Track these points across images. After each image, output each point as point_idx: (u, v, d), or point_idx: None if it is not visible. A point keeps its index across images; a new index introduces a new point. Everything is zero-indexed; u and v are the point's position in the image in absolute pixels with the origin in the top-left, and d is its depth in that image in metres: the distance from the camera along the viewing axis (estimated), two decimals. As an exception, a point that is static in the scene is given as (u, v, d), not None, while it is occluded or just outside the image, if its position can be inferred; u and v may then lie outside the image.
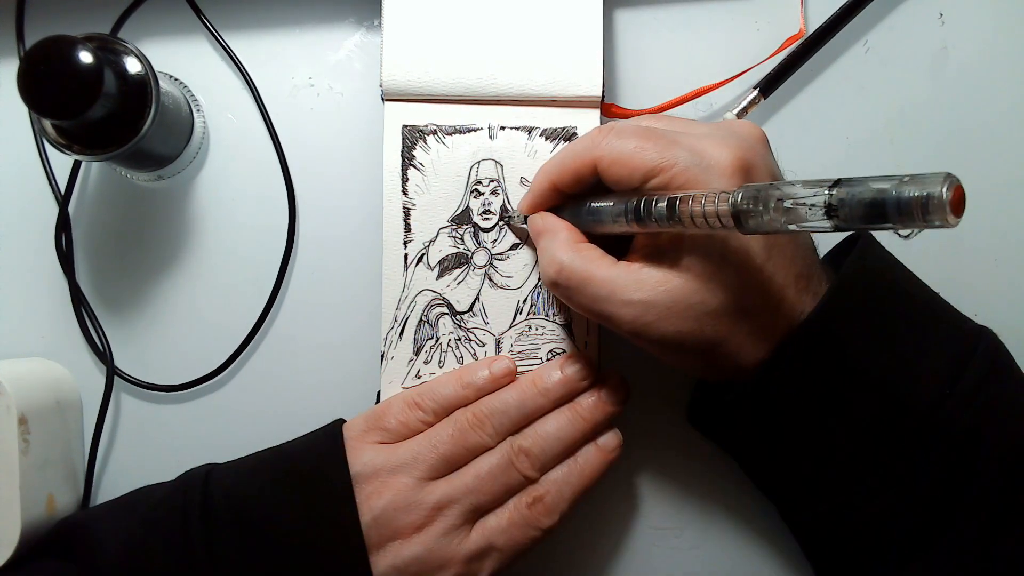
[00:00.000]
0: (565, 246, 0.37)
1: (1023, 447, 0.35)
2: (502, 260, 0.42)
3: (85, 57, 0.35)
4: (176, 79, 0.45)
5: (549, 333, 0.42)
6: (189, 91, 0.45)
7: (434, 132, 0.42)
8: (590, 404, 0.40)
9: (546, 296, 0.42)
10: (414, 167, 0.42)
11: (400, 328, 0.42)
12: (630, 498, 0.45)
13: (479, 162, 0.42)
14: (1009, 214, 0.45)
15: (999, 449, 0.35)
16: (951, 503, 0.35)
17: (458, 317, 0.42)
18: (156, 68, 0.39)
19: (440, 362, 0.42)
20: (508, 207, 0.42)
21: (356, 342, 0.45)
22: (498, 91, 0.42)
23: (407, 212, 0.42)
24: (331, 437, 0.40)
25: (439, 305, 0.42)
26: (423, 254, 0.42)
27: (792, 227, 0.27)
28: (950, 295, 0.39)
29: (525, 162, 0.42)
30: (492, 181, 0.42)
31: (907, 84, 0.45)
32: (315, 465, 0.39)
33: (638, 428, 0.45)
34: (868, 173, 0.45)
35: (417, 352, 0.42)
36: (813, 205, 0.26)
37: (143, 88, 0.38)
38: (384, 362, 0.42)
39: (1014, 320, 0.45)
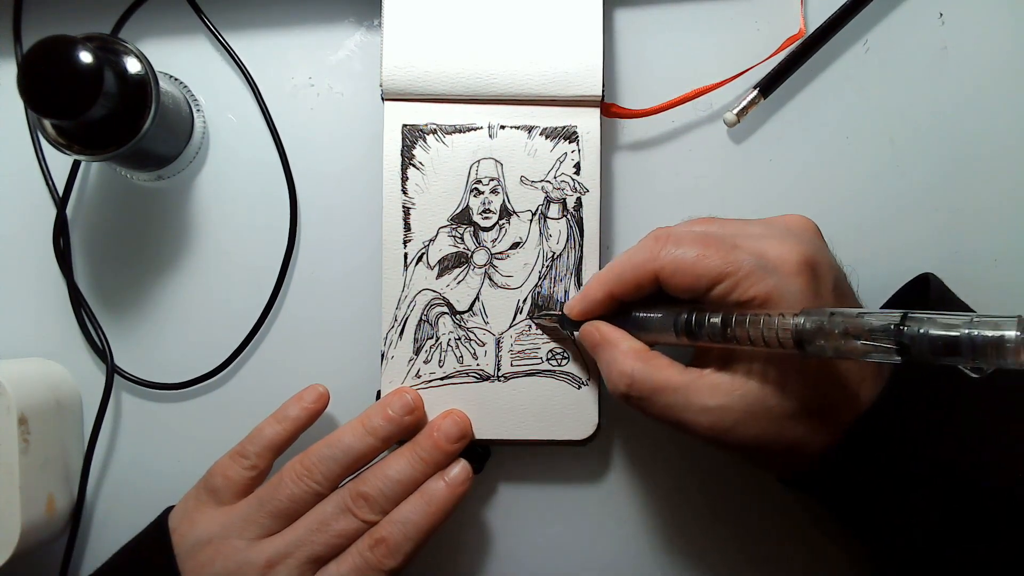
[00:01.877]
0: (631, 357, 0.36)
1: None
2: (502, 259, 0.42)
3: (85, 57, 0.35)
4: (176, 79, 0.45)
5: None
6: (189, 91, 0.45)
7: (434, 131, 0.42)
8: (428, 446, 0.40)
9: (550, 285, 0.42)
10: (414, 166, 0.42)
11: (400, 328, 0.42)
12: (628, 497, 0.45)
13: (479, 161, 0.42)
14: (1009, 214, 0.45)
15: None
16: None
17: (458, 316, 0.42)
18: (156, 68, 0.39)
19: (440, 361, 0.42)
20: (508, 206, 0.42)
21: (356, 341, 0.45)
22: (498, 90, 0.42)
23: (407, 211, 0.42)
24: (156, 528, 0.41)
25: (439, 304, 0.42)
26: (423, 253, 0.42)
27: (857, 355, 0.27)
28: (950, 295, 0.39)
29: (525, 161, 0.42)
30: (492, 180, 0.42)
31: (907, 84, 0.45)
32: (143, 559, 0.40)
33: (638, 431, 0.45)
34: (868, 173, 0.46)
35: (417, 352, 0.42)
36: (881, 338, 0.26)
37: (143, 88, 0.38)
38: (384, 362, 0.42)
39: (1014, 320, 0.45)
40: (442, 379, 0.42)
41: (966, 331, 0.25)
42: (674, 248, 0.35)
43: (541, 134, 0.42)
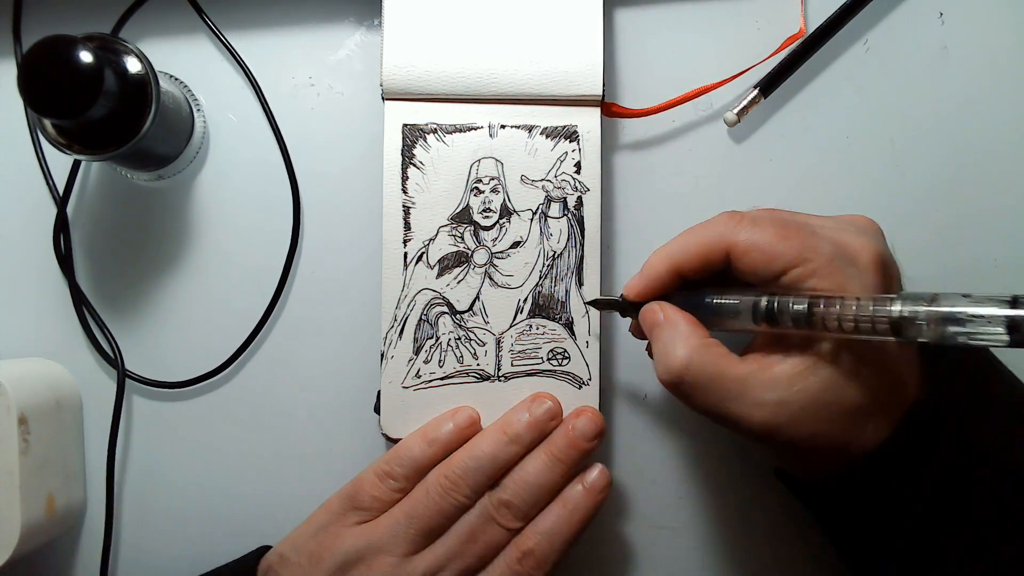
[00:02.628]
0: (690, 340, 0.35)
1: None
2: (502, 259, 0.42)
3: (85, 57, 0.35)
4: (176, 79, 0.45)
5: (550, 332, 0.42)
6: (189, 91, 0.45)
7: (434, 131, 0.42)
8: (564, 444, 0.39)
9: (551, 284, 0.42)
10: (414, 166, 0.42)
11: (400, 327, 0.42)
12: (629, 497, 0.45)
13: (479, 160, 0.42)
14: (1009, 214, 0.45)
15: None
16: None
17: (458, 316, 0.42)
18: (156, 68, 0.39)
19: (440, 361, 0.42)
20: (509, 205, 0.42)
21: (356, 341, 0.45)
22: (498, 90, 0.42)
23: (407, 211, 0.42)
24: (243, 564, 0.41)
25: (439, 304, 0.42)
26: (423, 253, 0.42)
27: (960, 340, 0.27)
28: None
29: (525, 160, 0.42)
30: (492, 179, 0.42)
31: (907, 84, 0.45)
32: None
33: (639, 431, 0.45)
34: (868, 173, 0.46)
35: (417, 351, 0.42)
36: (990, 320, 0.26)
37: (143, 88, 0.38)
38: (384, 361, 0.42)
39: (1015, 319, 0.45)
40: (442, 379, 0.42)
41: None
42: (751, 226, 0.34)
43: (542, 133, 0.42)
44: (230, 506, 0.45)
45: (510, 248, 0.42)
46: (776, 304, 0.33)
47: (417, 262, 0.42)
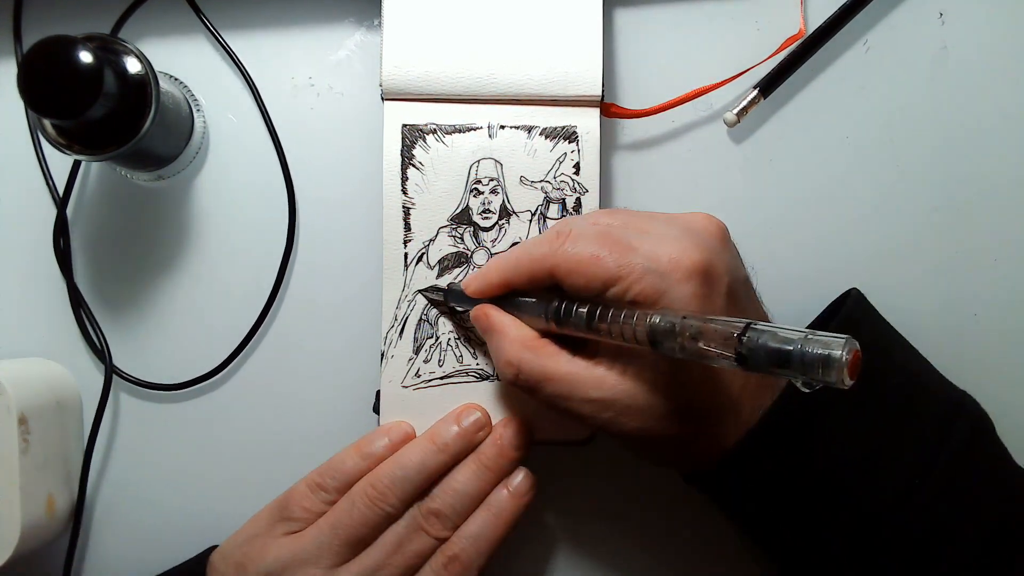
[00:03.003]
0: (518, 346, 0.37)
1: (982, 544, 0.35)
2: (502, 259, 0.42)
3: (85, 57, 0.35)
4: (176, 79, 0.45)
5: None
6: (189, 91, 0.45)
7: (434, 131, 0.42)
8: (494, 453, 0.40)
9: None
10: (414, 166, 0.42)
11: (400, 327, 0.42)
12: (631, 500, 0.45)
13: (479, 161, 0.42)
14: (1009, 214, 0.45)
15: (957, 548, 0.35)
16: None
17: (458, 316, 0.42)
18: (156, 68, 0.39)
19: (440, 361, 0.42)
20: (508, 206, 0.42)
21: (356, 341, 0.45)
22: (498, 90, 0.42)
23: (407, 211, 0.42)
24: (196, 564, 0.41)
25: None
26: (423, 253, 0.42)
27: (706, 361, 0.29)
28: (950, 296, 0.39)
29: (525, 161, 0.42)
30: (492, 180, 0.42)
31: (907, 84, 0.45)
32: None
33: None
34: (868, 175, 0.46)
35: (417, 351, 0.42)
36: (726, 351, 0.28)
37: (143, 88, 0.38)
38: (384, 361, 0.42)
39: (1014, 320, 0.45)
40: (442, 378, 0.42)
41: (799, 347, 0.26)
42: (571, 246, 0.35)
43: (541, 134, 0.42)
44: (229, 508, 0.45)
45: (509, 249, 0.42)
46: (563, 307, 0.35)
47: (417, 262, 0.42)
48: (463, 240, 0.42)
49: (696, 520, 0.45)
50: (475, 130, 0.42)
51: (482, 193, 0.42)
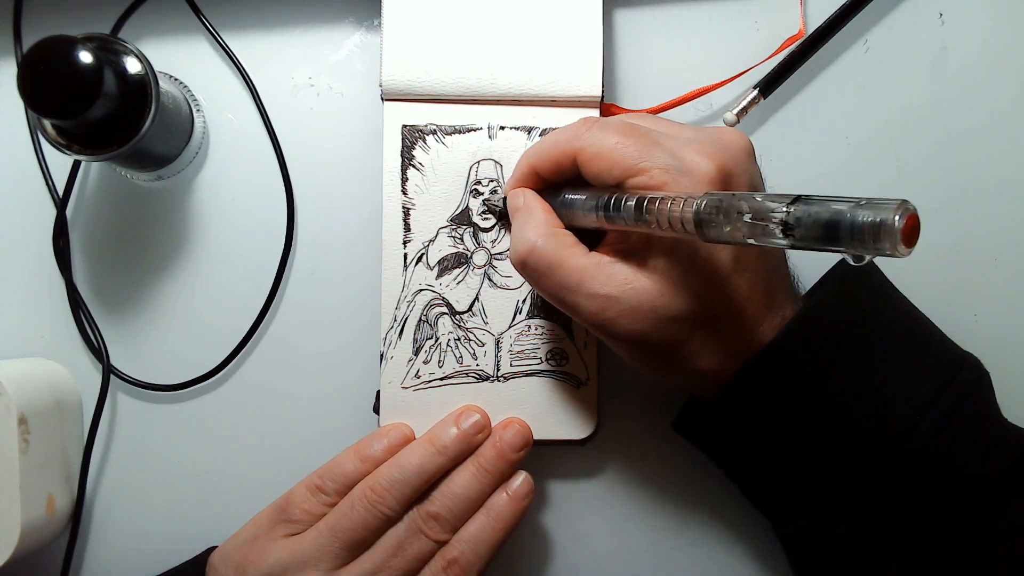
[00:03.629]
0: (540, 227, 0.36)
1: (963, 492, 0.35)
2: (501, 260, 0.42)
3: (85, 57, 0.35)
4: (176, 79, 0.45)
5: (548, 333, 0.42)
6: (189, 91, 0.45)
7: (434, 132, 0.42)
8: (493, 456, 0.40)
9: None
10: (414, 167, 0.42)
11: (400, 328, 0.42)
12: (627, 498, 0.45)
13: (479, 162, 0.42)
14: (1009, 214, 0.45)
15: (942, 490, 0.35)
16: (904, 533, 0.35)
17: (457, 317, 0.42)
18: (156, 68, 0.39)
19: (440, 362, 0.42)
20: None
21: (355, 342, 0.45)
22: (498, 91, 0.42)
23: (406, 212, 0.42)
24: (194, 566, 0.41)
25: (438, 305, 0.42)
26: (423, 254, 0.42)
27: (751, 241, 0.27)
28: (950, 296, 0.39)
29: (525, 162, 0.42)
30: (492, 181, 0.42)
31: (907, 84, 0.45)
32: None
33: (637, 430, 0.45)
34: (868, 175, 0.46)
35: (417, 352, 0.42)
36: (772, 222, 0.26)
37: (143, 88, 0.38)
38: (384, 362, 0.42)
39: (1014, 320, 0.45)
40: (441, 379, 0.42)
41: (848, 214, 0.24)
42: (598, 132, 0.35)
43: (541, 135, 0.42)
44: (229, 509, 0.45)
45: (509, 249, 0.42)
46: (613, 200, 0.34)
47: (417, 263, 0.42)
48: (463, 241, 0.42)
49: (695, 520, 0.45)
50: (475, 131, 0.42)
51: (482, 194, 0.42)
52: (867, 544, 0.36)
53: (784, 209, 0.26)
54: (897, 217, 0.23)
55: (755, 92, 0.44)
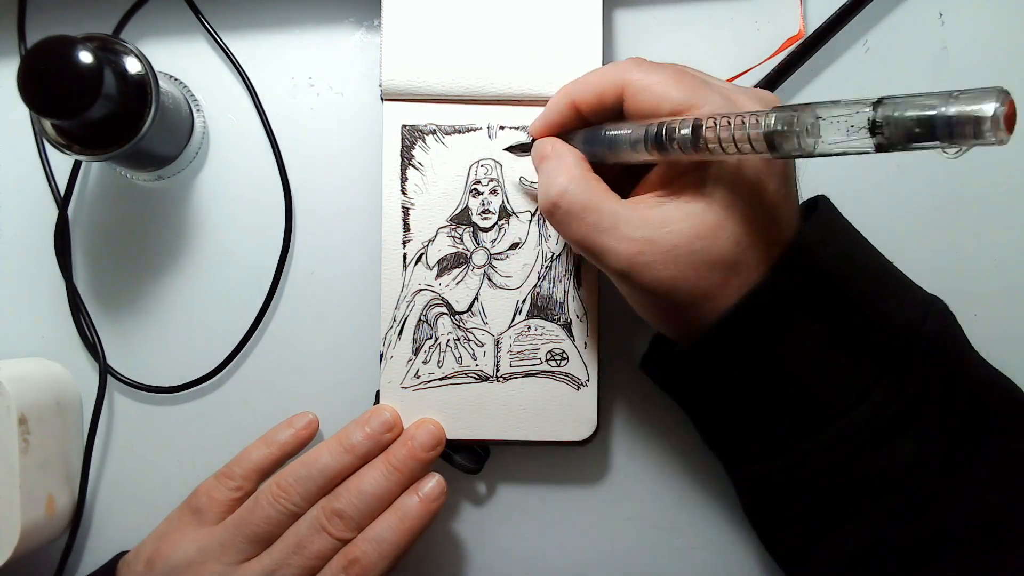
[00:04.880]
0: (572, 170, 0.35)
1: (944, 438, 0.35)
2: (501, 260, 0.42)
3: (85, 57, 0.35)
4: (176, 79, 0.45)
5: (548, 333, 0.42)
6: (189, 91, 0.45)
7: (433, 132, 0.42)
8: (402, 455, 0.40)
9: (549, 285, 0.42)
10: (413, 167, 0.42)
11: (399, 328, 0.42)
12: (628, 499, 0.45)
13: (478, 162, 0.42)
14: (1009, 214, 0.45)
15: (919, 442, 0.34)
16: (881, 475, 0.35)
17: (457, 317, 0.42)
18: (156, 68, 0.39)
19: (439, 362, 0.42)
20: (507, 207, 0.42)
21: (355, 342, 0.45)
22: (497, 91, 0.42)
23: (406, 212, 0.42)
24: (106, 571, 0.41)
25: (438, 305, 0.42)
26: (422, 254, 0.42)
27: (833, 148, 0.26)
28: (949, 296, 0.38)
29: (524, 162, 0.42)
30: (491, 181, 0.42)
31: (907, 84, 0.45)
32: None
33: (637, 431, 0.45)
34: (868, 174, 0.45)
35: (416, 352, 0.42)
36: (854, 124, 0.25)
37: (143, 88, 0.38)
38: (383, 362, 0.42)
39: (1014, 320, 0.45)
40: (441, 379, 0.42)
41: (943, 108, 0.23)
42: (649, 68, 0.35)
43: (540, 134, 0.42)
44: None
45: (509, 249, 0.42)
46: (664, 129, 0.32)
47: (416, 263, 0.42)
48: (462, 240, 0.42)
49: (696, 521, 0.45)
50: (475, 131, 0.42)
51: (481, 194, 0.42)
52: (825, 495, 0.35)
53: (869, 109, 0.25)
54: (998, 105, 0.23)
55: (755, 92, 0.44)
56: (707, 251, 0.33)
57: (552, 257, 0.42)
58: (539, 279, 0.42)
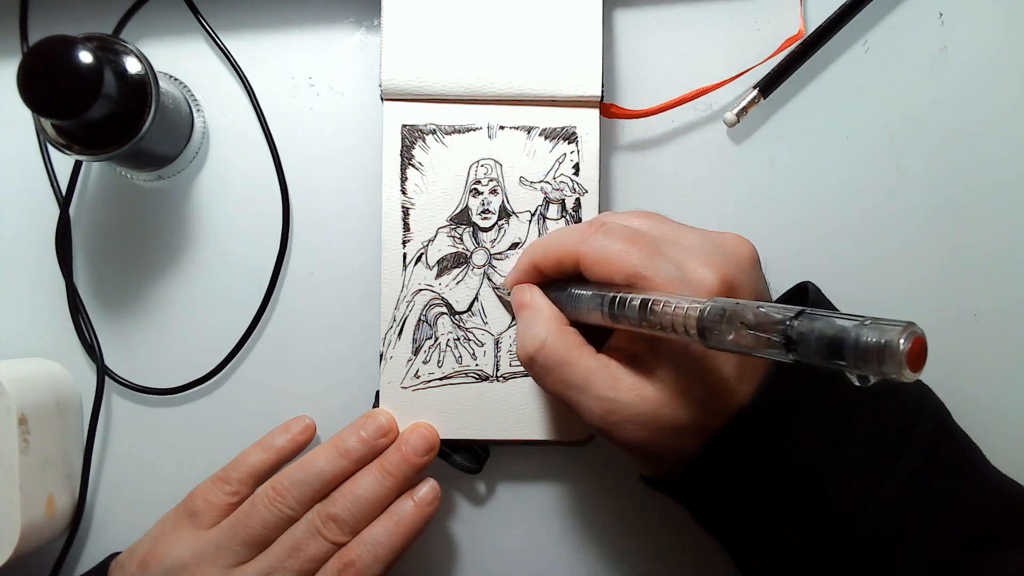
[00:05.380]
0: (549, 324, 0.36)
1: (946, 546, 0.34)
2: (501, 260, 0.42)
3: (85, 57, 0.35)
4: (176, 79, 0.45)
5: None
6: (189, 91, 0.45)
7: (433, 132, 0.42)
8: (396, 460, 0.40)
9: None
10: (413, 167, 0.42)
11: (399, 328, 0.42)
12: (631, 501, 0.45)
13: (478, 162, 0.42)
14: (1009, 214, 0.45)
15: (921, 551, 0.34)
16: None
17: (457, 317, 0.42)
18: (156, 68, 0.39)
19: (439, 362, 0.42)
20: (507, 207, 0.42)
21: (354, 342, 0.45)
22: (497, 91, 0.42)
23: (406, 212, 0.42)
24: (98, 572, 0.41)
25: (438, 305, 0.42)
26: (422, 254, 0.42)
27: (753, 352, 0.27)
28: (949, 295, 0.39)
29: (524, 162, 0.42)
30: (491, 180, 0.42)
31: (907, 84, 0.45)
32: None
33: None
34: (868, 175, 0.46)
35: (416, 352, 0.42)
36: (775, 334, 0.25)
37: (143, 88, 0.38)
38: (383, 362, 0.42)
39: (1014, 320, 0.45)
40: (441, 379, 0.42)
41: (853, 333, 0.23)
42: (602, 238, 0.35)
43: (540, 135, 0.42)
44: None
45: (509, 249, 0.42)
46: (617, 299, 0.33)
47: (416, 263, 0.42)
48: (462, 240, 0.42)
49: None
50: (475, 130, 0.42)
51: (481, 193, 0.42)
52: None
53: (788, 323, 0.25)
54: (902, 340, 0.22)
55: (755, 92, 0.44)
56: (675, 418, 0.33)
57: (552, 257, 0.42)
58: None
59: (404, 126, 0.42)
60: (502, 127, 0.42)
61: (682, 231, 0.36)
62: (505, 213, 0.42)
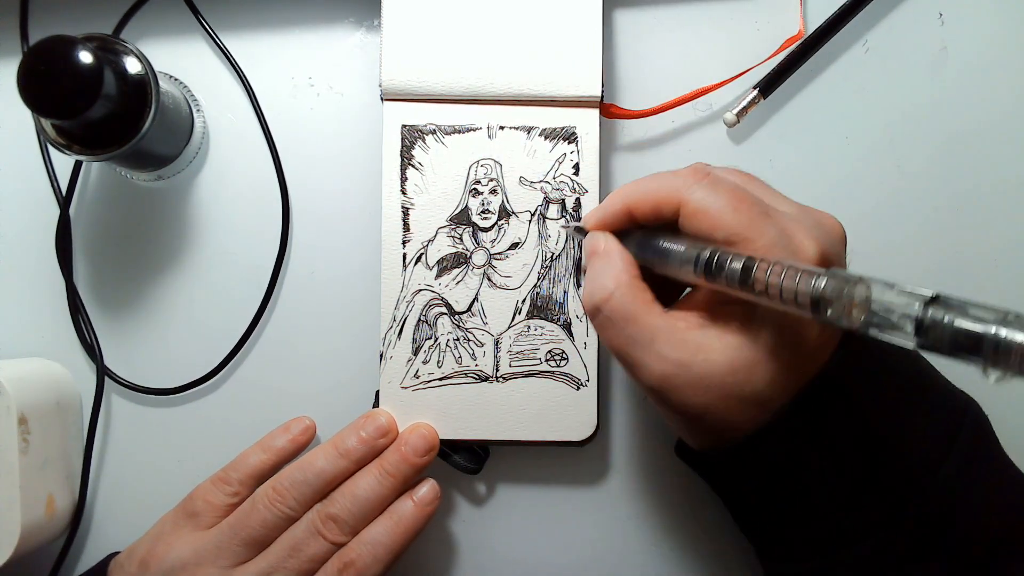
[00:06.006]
0: (620, 276, 0.35)
1: (990, 539, 0.33)
2: (501, 260, 0.42)
3: (85, 57, 0.35)
4: (176, 79, 0.45)
5: (548, 333, 0.42)
6: (189, 91, 0.45)
7: (433, 132, 0.42)
8: (396, 460, 0.40)
9: (549, 285, 0.42)
10: (413, 167, 0.42)
11: (399, 328, 0.42)
12: (631, 501, 0.45)
13: (478, 162, 0.42)
14: (1009, 214, 0.45)
15: (967, 540, 0.33)
16: None
17: (457, 317, 0.42)
18: (156, 68, 0.39)
19: (439, 362, 0.42)
20: (507, 207, 0.42)
21: (354, 342, 0.45)
22: (497, 91, 0.42)
23: (406, 212, 0.42)
24: (97, 572, 0.41)
25: (438, 305, 0.42)
26: (422, 254, 0.42)
27: (872, 332, 0.25)
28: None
29: (524, 162, 0.42)
30: (491, 181, 0.42)
31: (907, 84, 0.45)
32: None
33: (637, 431, 0.45)
34: (868, 175, 0.46)
35: (416, 352, 0.42)
36: (904, 315, 0.24)
37: (143, 88, 0.38)
38: (383, 362, 0.42)
39: (1015, 320, 0.45)
40: (441, 379, 0.42)
41: (994, 329, 0.21)
42: (709, 190, 0.33)
43: (540, 135, 0.42)
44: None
45: (508, 249, 0.42)
46: (717, 258, 0.32)
47: (416, 263, 0.42)
48: (462, 240, 0.42)
49: (697, 520, 0.45)
50: (474, 131, 0.42)
51: (481, 194, 0.42)
52: None
53: (920, 307, 0.23)
54: None
55: (755, 92, 0.44)
56: (740, 386, 0.32)
57: (552, 257, 0.42)
58: (539, 279, 0.42)
59: (404, 126, 0.42)
60: (502, 127, 0.42)
61: (780, 198, 0.35)
62: (505, 213, 0.42)
